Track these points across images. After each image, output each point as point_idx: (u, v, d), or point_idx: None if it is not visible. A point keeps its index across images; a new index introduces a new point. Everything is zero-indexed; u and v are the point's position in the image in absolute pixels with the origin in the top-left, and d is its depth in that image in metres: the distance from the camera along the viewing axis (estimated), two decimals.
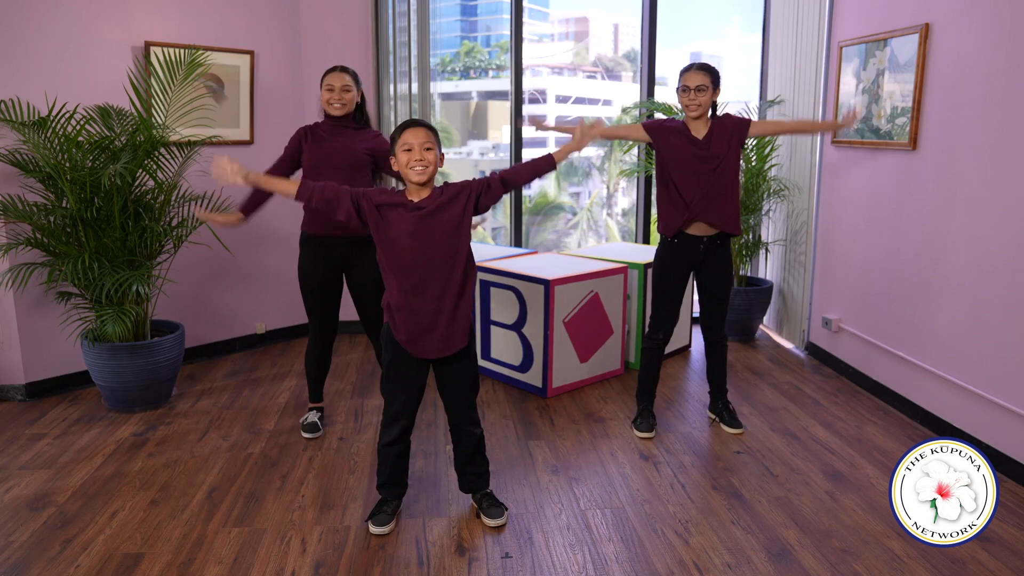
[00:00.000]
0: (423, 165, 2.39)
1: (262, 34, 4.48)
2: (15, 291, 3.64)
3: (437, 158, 2.44)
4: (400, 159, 2.43)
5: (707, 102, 3.10)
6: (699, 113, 3.12)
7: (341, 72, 3.16)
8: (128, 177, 3.41)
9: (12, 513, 2.71)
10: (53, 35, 3.67)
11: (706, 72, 3.09)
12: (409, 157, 2.40)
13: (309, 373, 3.48)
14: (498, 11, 9.10)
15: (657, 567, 2.41)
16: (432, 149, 2.42)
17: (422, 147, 2.39)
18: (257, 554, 2.47)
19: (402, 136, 2.43)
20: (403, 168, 2.43)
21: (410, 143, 2.40)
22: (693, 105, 3.09)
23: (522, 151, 5.14)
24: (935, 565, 2.41)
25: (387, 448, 2.61)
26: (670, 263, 3.29)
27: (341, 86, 3.14)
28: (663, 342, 3.40)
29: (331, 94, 3.15)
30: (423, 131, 2.42)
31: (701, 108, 3.10)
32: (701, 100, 3.08)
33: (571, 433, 3.44)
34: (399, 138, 2.43)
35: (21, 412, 3.66)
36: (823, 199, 4.51)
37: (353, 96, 3.18)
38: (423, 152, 2.39)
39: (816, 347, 4.58)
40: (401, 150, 2.42)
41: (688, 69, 3.13)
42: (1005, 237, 3.02)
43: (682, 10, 6.23)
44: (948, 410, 3.37)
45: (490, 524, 2.64)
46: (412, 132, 2.41)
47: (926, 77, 3.48)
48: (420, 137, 2.40)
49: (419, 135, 2.40)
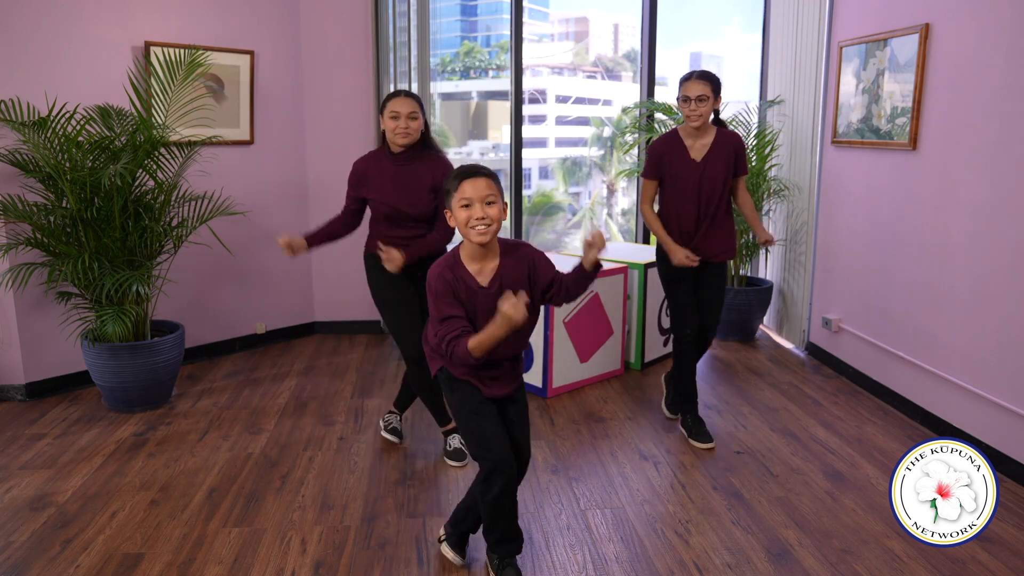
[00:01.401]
0: (486, 224, 2.06)
1: (262, 34, 4.48)
2: (15, 291, 3.64)
3: (501, 211, 2.07)
4: (458, 216, 2.07)
5: (708, 112, 3.07)
6: (700, 123, 3.09)
7: (407, 97, 2.85)
8: (128, 177, 3.41)
9: (12, 513, 2.71)
10: (53, 35, 3.67)
11: (707, 81, 3.05)
12: (469, 215, 2.06)
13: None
14: (498, 11, 9.10)
15: (657, 567, 2.41)
16: (495, 203, 2.07)
17: (483, 202, 2.05)
18: (257, 554, 2.47)
19: (460, 188, 2.06)
20: (461, 227, 2.08)
21: (469, 197, 2.05)
22: (694, 116, 3.07)
23: (522, 151, 5.14)
24: (935, 565, 2.41)
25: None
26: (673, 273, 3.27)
27: (408, 113, 2.83)
28: (692, 337, 3.31)
29: (396, 122, 2.84)
30: (484, 181, 2.06)
31: (702, 118, 3.08)
32: (702, 110, 3.06)
33: (571, 433, 3.44)
34: (455, 190, 2.07)
35: (21, 412, 3.67)
36: (823, 199, 4.51)
37: (419, 125, 2.88)
38: (484, 208, 2.05)
39: (816, 347, 4.58)
40: (458, 205, 2.07)
41: (688, 78, 3.09)
42: (1005, 237, 3.02)
43: (682, 10, 6.23)
44: (948, 410, 3.37)
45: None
46: (471, 184, 2.05)
47: (926, 77, 3.48)
48: (481, 190, 2.05)
49: (479, 187, 2.05)
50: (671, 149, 3.18)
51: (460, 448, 3.11)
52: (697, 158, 3.15)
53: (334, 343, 4.84)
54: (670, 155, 3.18)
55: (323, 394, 3.92)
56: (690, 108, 3.06)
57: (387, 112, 2.87)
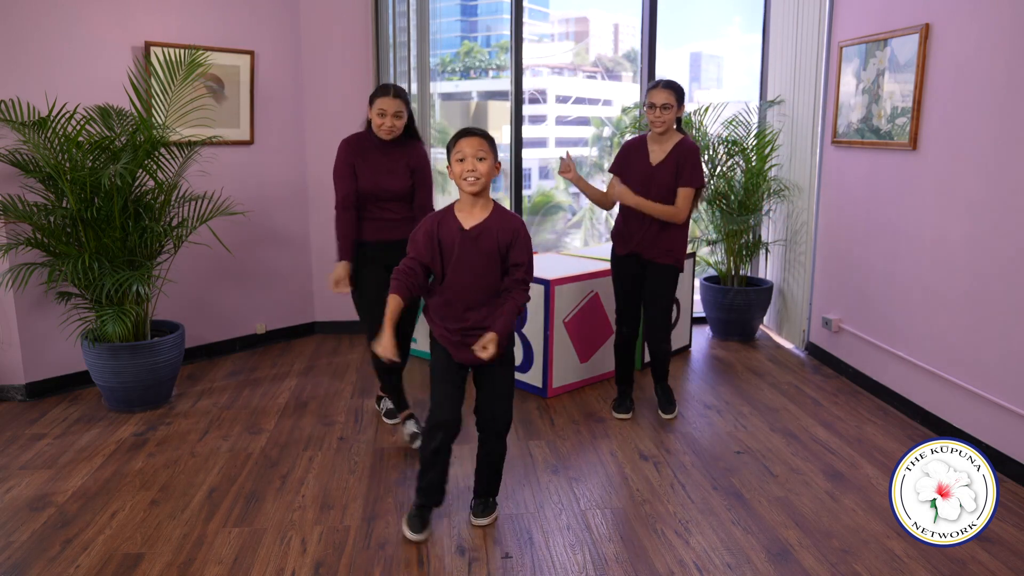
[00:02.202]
0: (475, 176, 2.36)
1: (262, 34, 4.48)
2: (15, 291, 3.64)
3: (491, 168, 2.40)
4: (454, 169, 2.40)
5: (671, 119, 3.30)
6: (663, 129, 3.30)
7: (395, 97, 3.06)
8: (128, 177, 3.41)
9: (12, 513, 2.71)
10: (53, 35, 3.67)
11: (671, 90, 3.28)
12: (462, 168, 2.37)
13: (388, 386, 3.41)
14: (498, 11, 9.10)
15: (657, 567, 2.41)
16: (486, 159, 2.38)
17: (475, 157, 2.36)
18: (257, 554, 2.47)
19: (457, 145, 2.39)
20: (457, 179, 2.40)
21: (463, 152, 2.37)
22: (658, 122, 3.29)
23: (522, 151, 5.14)
24: (935, 565, 2.41)
25: None
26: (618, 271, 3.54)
27: (394, 112, 3.06)
28: (627, 335, 3.58)
29: (383, 119, 3.07)
30: (476, 140, 2.38)
31: (665, 124, 3.29)
32: (666, 117, 3.28)
33: (571, 433, 3.44)
34: (453, 147, 2.40)
35: (21, 412, 3.67)
36: (823, 199, 4.51)
37: (403, 123, 3.12)
38: (475, 163, 2.36)
39: (816, 347, 4.58)
40: (455, 159, 2.39)
41: (655, 87, 3.32)
42: (1005, 237, 3.02)
43: (682, 10, 6.22)
44: (948, 410, 3.37)
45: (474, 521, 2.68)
46: (466, 141, 2.37)
47: (926, 77, 3.48)
48: (474, 146, 2.37)
49: (473, 144, 2.37)
50: (636, 149, 3.43)
51: (415, 432, 3.29)
52: (654, 162, 3.36)
53: (334, 343, 4.84)
54: (634, 154, 3.42)
55: (323, 394, 3.92)
56: (655, 115, 3.28)
57: (375, 108, 3.08)
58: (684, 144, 3.35)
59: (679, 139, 3.36)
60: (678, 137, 3.37)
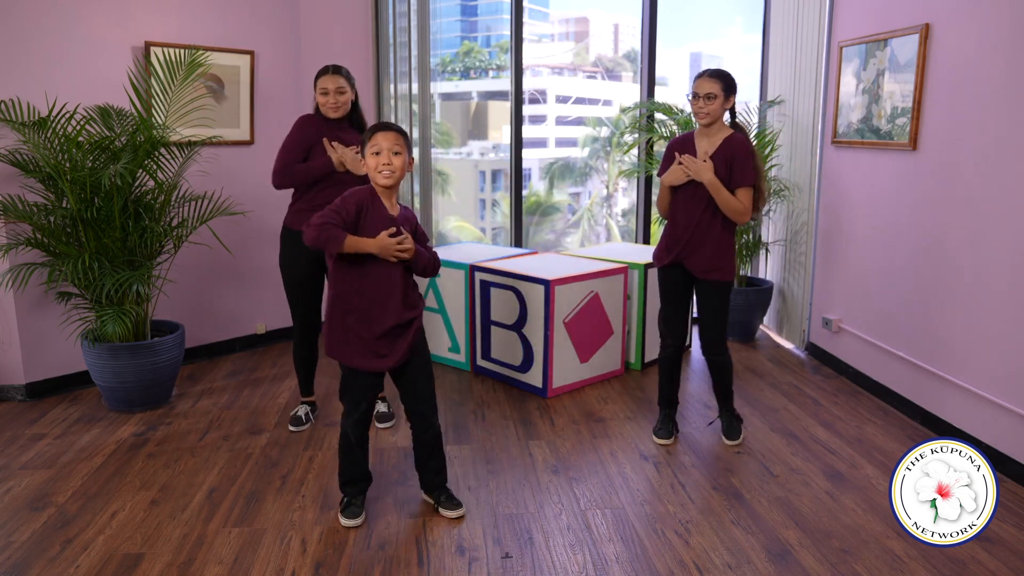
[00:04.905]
0: (390, 170, 2.46)
1: (262, 34, 4.48)
2: (15, 291, 3.64)
3: (405, 163, 2.49)
4: (369, 162, 2.47)
5: (717, 110, 3.01)
6: (708, 121, 3.04)
7: (334, 75, 3.15)
8: (128, 177, 3.41)
9: (12, 513, 2.71)
10: (53, 35, 3.67)
11: (716, 79, 3.01)
12: (377, 161, 2.45)
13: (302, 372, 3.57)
14: (498, 11, 9.10)
15: (657, 567, 2.41)
16: (401, 154, 2.46)
17: (390, 151, 2.44)
18: (257, 554, 2.47)
19: (372, 138, 2.47)
20: (371, 171, 2.48)
21: (379, 145, 2.45)
22: (702, 113, 3.02)
23: (522, 151, 5.14)
24: (935, 565, 2.41)
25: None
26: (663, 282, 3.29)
27: (336, 88, 3.14)
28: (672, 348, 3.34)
29: (326, 98, 3.15)
30: (393, 135, 2.46)
31: (710, 116, 3.02)
32: (710, 108, 3.00)
33: (571, 433, 3.44)
34: (369, 140, 2.47)
35: (21, 412, 3.66)
36: (823, 199, 4.51)
37: (348, 97, 3.19)
38: (391, 156, 2.45)
39: (816, 347, 4.58)
40: (371, 152, 2.46)
41: (700, 76, 3.07)
42: (1005, 237, 3.02)
43: (682, 10, 6.22)
44: (948, 410, 3.37)
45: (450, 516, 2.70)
46: (383, 135, 2.46)
47: (926, 77, 3.48)
48: (390, 141, 2.45)
49: (389, 139, 2.45)
50: (682, 148, 3.13)
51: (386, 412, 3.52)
52: (702, 159, 3.07)
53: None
54: (679, 152, 3.11)
55: (323, 394, 3.91)
56: (698, 105, 3.02)
57: (318, 88, 3.17)
58: (733, 139, 3.04)
59: (728, 134, 3.06)
60: (727, 132, 3.07)
